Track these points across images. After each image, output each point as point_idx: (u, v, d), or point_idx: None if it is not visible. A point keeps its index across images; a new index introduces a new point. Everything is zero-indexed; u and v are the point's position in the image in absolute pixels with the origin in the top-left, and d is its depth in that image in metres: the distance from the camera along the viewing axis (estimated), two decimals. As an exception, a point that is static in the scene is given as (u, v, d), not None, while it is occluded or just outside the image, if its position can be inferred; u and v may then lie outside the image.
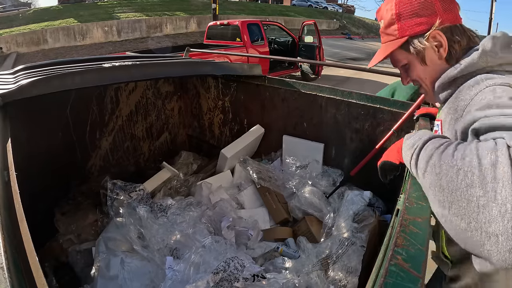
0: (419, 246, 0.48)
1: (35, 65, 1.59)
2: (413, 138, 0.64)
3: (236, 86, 2.05)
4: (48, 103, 1.60)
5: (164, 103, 2.28)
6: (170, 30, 13.97)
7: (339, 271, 1.16)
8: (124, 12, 14.33)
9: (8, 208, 0.62)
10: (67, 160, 1.83)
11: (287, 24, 14.98)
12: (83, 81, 1.34)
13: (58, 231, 1.49)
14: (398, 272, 0.43)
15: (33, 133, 1.48)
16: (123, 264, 1.23)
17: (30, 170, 1.37)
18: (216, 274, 1.08)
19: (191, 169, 2.12)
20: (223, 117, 2.21)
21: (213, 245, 1.24)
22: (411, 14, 0.73)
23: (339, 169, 1.63)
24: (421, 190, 0.61)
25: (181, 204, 1.54)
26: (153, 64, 1.59)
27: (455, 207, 0.47)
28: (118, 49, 11.21)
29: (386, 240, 0.50)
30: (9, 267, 0.47)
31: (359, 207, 1.36)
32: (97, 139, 1.95)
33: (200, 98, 2.31)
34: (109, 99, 1.96)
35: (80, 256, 1.38)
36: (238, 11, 17.77)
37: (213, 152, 2.21)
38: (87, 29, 11.99)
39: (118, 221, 1.39)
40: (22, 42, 10.80)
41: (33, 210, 1.10)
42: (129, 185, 1.54)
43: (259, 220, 1.58)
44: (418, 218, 0.53)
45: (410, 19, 0.73)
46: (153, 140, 2.29)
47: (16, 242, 0.55)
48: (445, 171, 0.50)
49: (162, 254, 1.29)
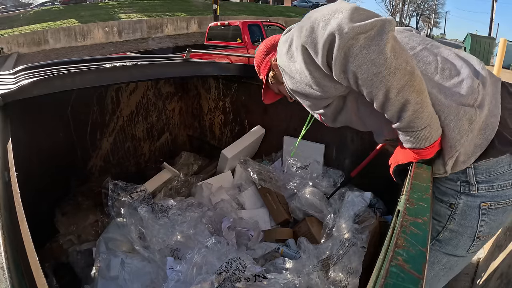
0: (420, 247, 0.47)
1: (36, 65, 1.59)
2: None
3: (237, 86, 2.05)
4: (49, 103, 1.60)
5: (165, 103, 2.28)
6: (171, 30, 14.00)
7: (340, 272, 1.16)
8: (125, 13, 14.36)
9: (9, 208, 0.62)
10: (68, 160, 1.83)
11: (288, 24, 14.94)
12: (83, 81, 1.34)
13: (58, 232, 1.49)
14: (399, 273, 0.43)
15: (33, 134, 1.48)
16: (123, 265, 1.23)
17: (31, 170, 1.38)
18: (219, 274, 1.08)
19: (191, 169, 2.12)
20: (223, 118, 2.22)
21: (216, 246, 1.24)
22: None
23: (340, 170, 1.63)
24: (422, 191, 0.61)
25: (182, 205, 1.54)
26: (153, 65, 1.60)
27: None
28: (119, 49, 11.23)
29: (386, 241, 0.50)
30: (9, 267, 0.47)
31: (360, 208, 1.36)
32: (97, 140, 1.95)
33: (201, 99, 2.31)
34: (109, 99, 1.96)
35: (81, 257, 1.38)
36: (239, 12, 17.79)
37: (213, 152, 2.21)
38: (88, 30, 12.03)
39: (119, 222, 1.39)
40: (23, 43, 10.84)
41: (34, 210, 1.11)
42: (131, 186, 1.54)
43: (259, 221, 1.58)
44: (418, 219, 0.53)
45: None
46: (154, 141, 2.29)
47: (16, 242, 0.55)
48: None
49: (162, 254, 1.29)
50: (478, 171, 0.76)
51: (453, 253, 0.86)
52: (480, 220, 0.79)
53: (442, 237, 0.85)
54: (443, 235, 0.85)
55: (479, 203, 0.78)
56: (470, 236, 0.81)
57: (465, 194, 0.79)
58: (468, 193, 0.78)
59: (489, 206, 0.77)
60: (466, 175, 0.77)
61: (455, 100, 0.73)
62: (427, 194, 0.60)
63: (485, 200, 0.77)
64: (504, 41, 3.59)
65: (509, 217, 0.81)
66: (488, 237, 0.83)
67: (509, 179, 0.75)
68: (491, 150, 0.74)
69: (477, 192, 0.77)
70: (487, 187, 0.76)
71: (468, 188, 0.78)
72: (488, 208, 0.77)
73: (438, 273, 0.90)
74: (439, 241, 0.86)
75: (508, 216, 0.81)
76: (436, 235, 0.86)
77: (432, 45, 0.85)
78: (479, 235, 0.80)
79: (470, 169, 0.76)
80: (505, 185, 0.76)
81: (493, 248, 1.60)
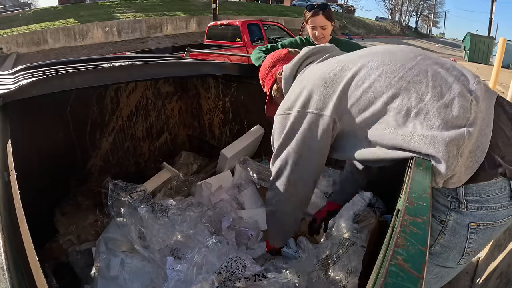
0: (419, 246, 0.47)
1: (35, 65, 1.59)
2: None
3: (236, 86, 2.05)
4: (48, 103, 1.59)
5: (164, 103, 2.28)
6: (170, 30, 13.98)
7: (339, 271, 1.16)
8: (124, 13, 14.34)
9: (8, 208, 0.62)
10: (67, 160, 1.83)
11: (287, 24, 14.97)
12: (83, 81, 1.34)
13: (58, 232, 1.49)
14: (398, 272, 0.43)
15: (33, 134, 1.48)
16: (123, 265, 1.23)
17: (30, 170, 1.38)
18: (220, 274, 1.09)
19: (191, 169, 2.12)
20: (223, 117, 2.21)
21: (216, 245, 1.24)
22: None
23: (339, 170, 1.63)
24: (422, 190, 0.61)
25: (181, 205, 1.54)
26: (153, 64, 1.60)
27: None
28: (118, 49, 11.22)
29: (386, 240, 0.50)
30: (9, 267, 0.47)
31: (359, 207, 1.36)
32: (97, 139, 1.95)
33: (200, 98, 2.31)
34: (109, 99, 1.96)
35: (80, 256, 1.38)
36: (238, 11, 17.77)
37: (213, 152, 2.21)
38: (88, 30, 12.00)
39: (118, 221, 1.39)
40: (22, 43, 10.81)
41: (33, 211, 1.10)
42: (130, 186, 1.54)
43: (259, 221, 1.58)
44: (418, 219, 0.53)
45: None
46: (153, 140, 2.29)
47: (16, 242, 0.55)
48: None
49: (162, 254, 1.29)
50: (469, 191, 0.76)
51: (443, 265, 0.87)
52: (469, 238, 0.79)
53: (433, 250, 0.85)
54: (434, 249, 0.85)
55: (468, 222, 0.78)
56: (459, 252, 0.82)
57: (455, 211, 0.79)
58: (458, 210, 0.78)
59: (478, 226, 0.77)
60: (456, 193, 0.77)
61: (444, 125, 0.72)
62: (426, 193, 0.60)
63: (474, 220, 0.77)
64: (503, 40, 3.60)
65: (498, 233, 0.82)
66: (477, 251, 0.84)
67: (499, 202, 0.75)
68: (482, 172, 0.73)
69: (466, 211, 0.77)
70: (476, 207, 0.76)
71: (457, 205, 0.78)
72: (477, 228, 0.77)
73: (429, 282, 0.91)
74: (430, 254, 0.86)
75: (497, 233, 0.81)
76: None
77: (424, 58, 0.83)
78: (468, 251, 0.81)
79: (460, 188, 0.76)
80: (494, 207, 0.75)
81: (493, 247, 1.61)
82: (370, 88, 0.80)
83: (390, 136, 0.76)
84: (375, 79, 0.80)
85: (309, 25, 1.81)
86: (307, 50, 1.02)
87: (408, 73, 0.79)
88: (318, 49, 1.02)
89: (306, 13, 1.81)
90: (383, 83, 0.79)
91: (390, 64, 0.81)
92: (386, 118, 0.78)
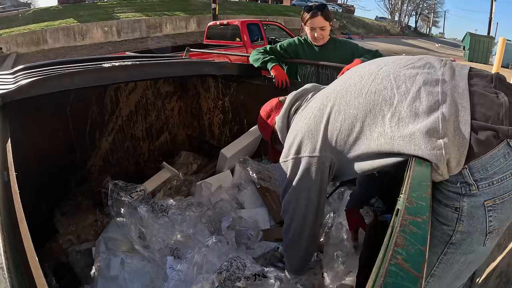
0: (419, 246, 0.47)
1: (34, 65, 1.59)
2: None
3: (236, 86, 2.05)
4: (48, 103, 1.59)
5: (164, 103, 2.28)
6: (170, 30, 13.97)
7: (339, 270, 1.16)
8: (123, 12, 14.33)
9: (8, 208, 0.62)
10: (67, 160, 1.83)
11: (287, 24, 14.96)
12: (82, 81, 1.34)
13: (58, 231, 1.49)
14: (398, 272, 0.43)
15: (33, 133, 1.48)
16: (123, 264, 1.23)
17: (30, 170, 1.38)
18: (220, 273, 1.09)
19: (191, 169, 2.12)
20: (223, 117, 2.21)
21: (216, 245, 1.24)
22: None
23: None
24: (421, 189, 0.61)
25: (181, 204, 1.54)
26: (153, 64, 1.60)
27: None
28: (118, 49, 11.20)
29: (386, 240, 0.50)
30: (9, 267, 0.47)
31: (359, 207, 1.36)
32: (97, 139, 1.95)
33: (200, 98, 2.31)
34: (108, 99, 1.96)
35: (80, 256, 1.38)
36: (237, 11, 17.77)
37: (213, 152, 2.21)
38: (87, 29, 11.98)
39: (118, 221, 1.39)
40: (22, 42, 10.79)
41: (33, 210, 1.10)
42: (130, 185, 1.54)
43: (259, 220, 1.58)
44: (418, 218, 0.53)
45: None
46: (153, 140, 2.29)
47: (16, 242, 0.55)
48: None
49: (162, 254, 1.29)
50: (474, 170, 0.75)
51: (469, 251, 0.85)
52: (488, 217, 0.78)
53: (454, 239, 0.84)
54: (455, 238, 0.84)
55: (482, 201, 0.77)
56: (481, 233, 0.81)
57: (467, 196, 0.78)
58: (470, 193, 0.77)
59: (494, 202, 0.76)
60: (463, 176, 0.77)
61: (417, 118, 0.76)
62: (426, 193, 0.60)
63: (488, 197, 0.76)
64: (503, 40, 3.60)
65: None
66: (501, 229, 0.82)
67: (507, 170, 0.74)
68: (478, 145, 0.73)
69: (478, 191, 0.76)
70: (486, 184, 0.75)
71: (468, 189, 0.77)
72: (493, 204, 0.76)
73: (459, 270, 0.89)
74: (452, 244, 0.85)
75: None
76: (448, 239, 0.85)
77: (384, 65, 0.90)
78: (490, 229, 0.80)
79: (465, 170, 0.75)
80: (505, 178, 0.74)
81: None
82: (346, 116, 0.88)
83: (376, 147, 0.82)
84: (346, 106, 0.88)
85: (307, 27, 1.81)
86: (290, 97, 1.12)
87: (372, 85, 0.85)
88: (300, 93, 1.12)
89: (304, 14, 1.80)
90: (354, 105, 0.87)
91: (358, 84, 0.89)
92: (369, 133, 0.84)
